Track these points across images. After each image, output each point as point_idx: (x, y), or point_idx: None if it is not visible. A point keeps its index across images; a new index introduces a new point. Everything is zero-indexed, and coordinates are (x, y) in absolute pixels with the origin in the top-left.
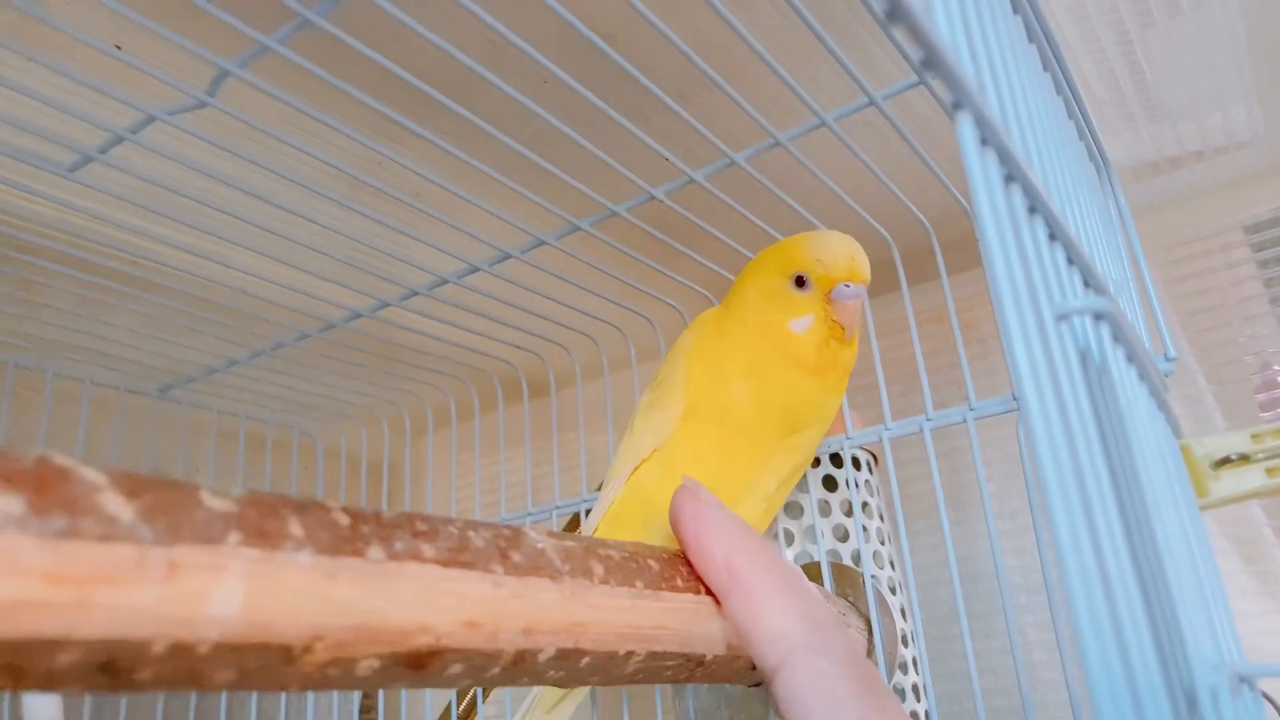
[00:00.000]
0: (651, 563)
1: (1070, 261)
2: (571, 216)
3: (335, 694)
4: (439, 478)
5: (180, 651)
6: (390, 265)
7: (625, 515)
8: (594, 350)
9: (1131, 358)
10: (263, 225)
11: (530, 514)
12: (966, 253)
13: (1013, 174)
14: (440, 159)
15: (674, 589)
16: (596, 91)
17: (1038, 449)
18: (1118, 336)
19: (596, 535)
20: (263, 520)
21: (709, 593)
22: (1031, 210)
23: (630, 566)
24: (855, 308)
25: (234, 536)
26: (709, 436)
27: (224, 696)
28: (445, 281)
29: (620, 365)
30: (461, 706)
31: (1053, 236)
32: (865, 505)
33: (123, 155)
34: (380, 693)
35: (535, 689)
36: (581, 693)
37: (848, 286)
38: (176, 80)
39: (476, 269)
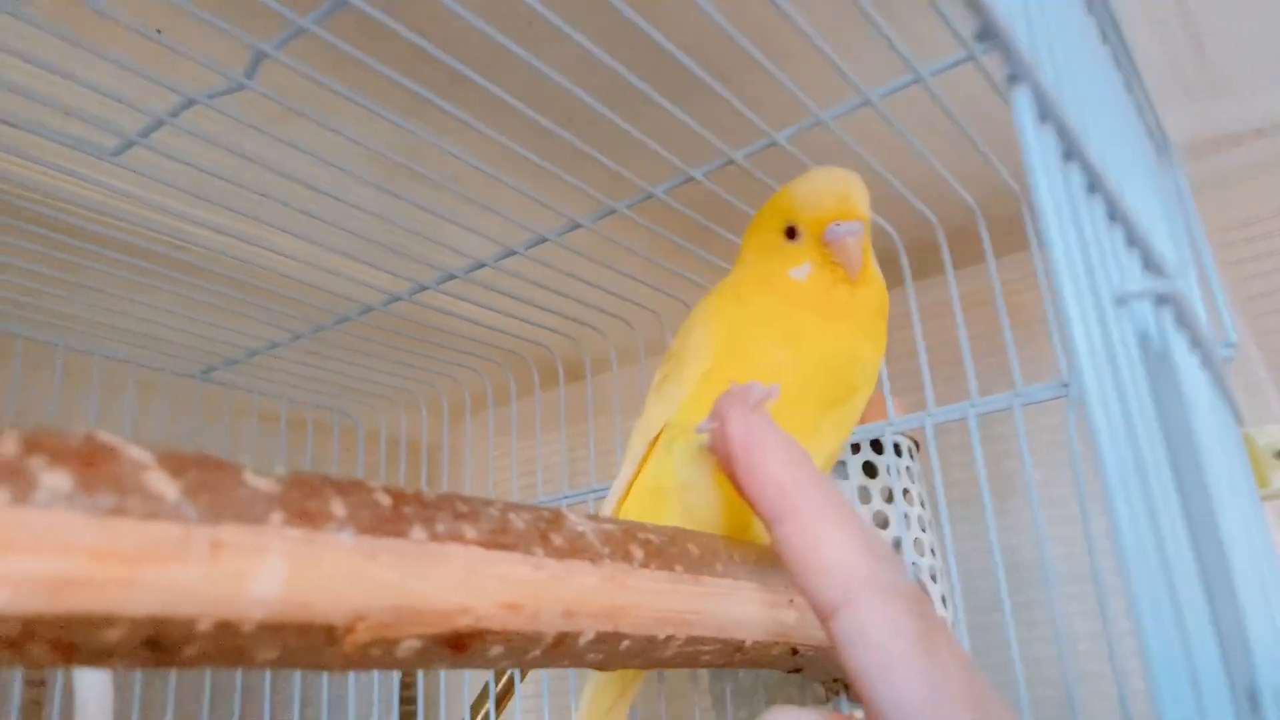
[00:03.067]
0: (691, 547)
1: (1130, 243)
2: (608, 199)
3: (376, 673)
4: (476, 460)
5: (225, 630)
6: (427, 248)
7: (641, 498)
8: (630, 335)
9: (1194, 344)
10: (301, 208)
11: (567, 496)
12: (1013, 235)
13: (1071, 151)
14: (476, 141)
15: (713, 574)
16: (634, 70)
17: (1097, 437)
18: (1180, 321)
19: (620, 511)
20: (305, 500)
21: (751, 579)
22: (1090, 189)
23: (670, 550)
24: (851, 245)
25: (277, 516)
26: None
27: (269, 675)
28: (481, 265)
29: (656, 350)
30: (499, 685)
31: (1112, 216)
32: (906, 492)
33: (164, 139)
34: (419, 672)
35: (586, 693)
36: (634, 693)
37: (839, 225)
38: (215, 63)
39: (513, 252)
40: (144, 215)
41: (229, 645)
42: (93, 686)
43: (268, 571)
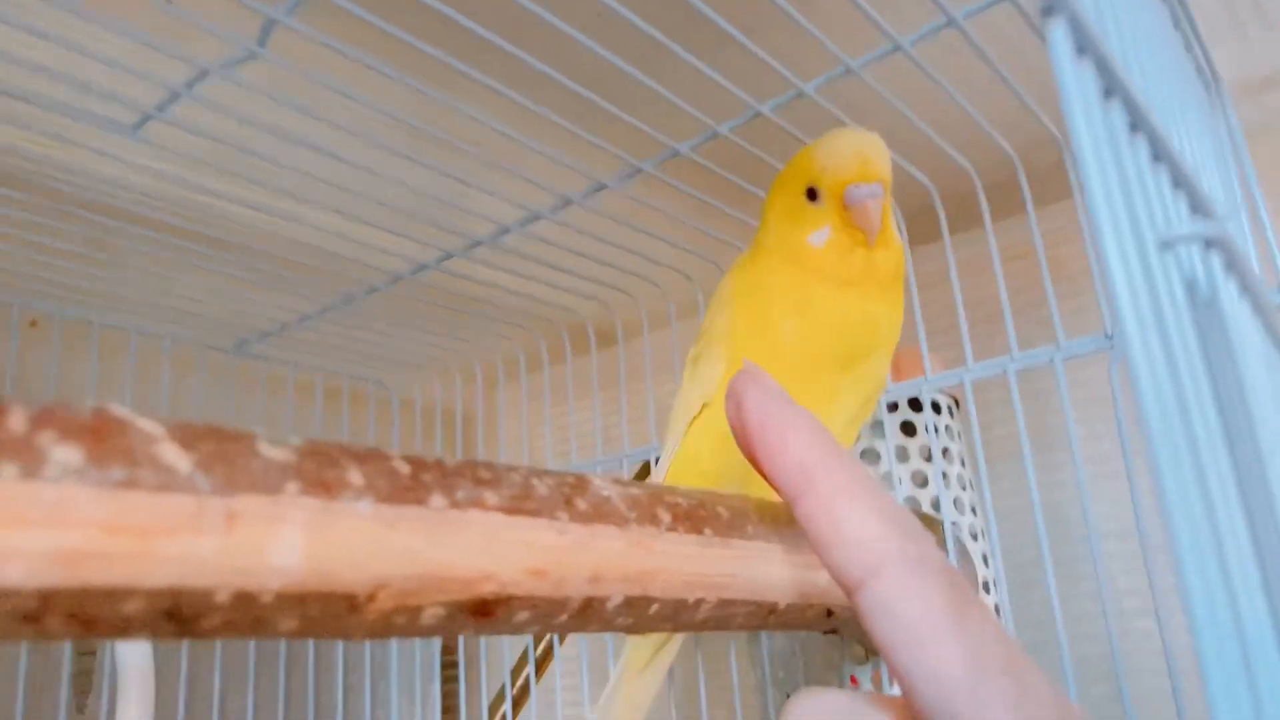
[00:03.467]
0: (721, 510)
1: (1175, 185)
2: (633, 158)
3: (417, 639)
4: (510, 428)
5: (244, 601)
6: (453, 215)
7: (683, 476)
8: (660, 298)
9: (1244, 290)
10: (323, 178)
11: (601, 462)
12: (1055, 185)
13: (1112, 87)
14: (496, 103)
15: (744, 536)
16: (654, 25)
17: (1140, 391)
18: (1230, 266)
19: None
20: (321, 470)
21: (783, 541)
22: (1133, 128)
23: (699, 514)
24: (871, 208)
25: (292, 486)
26: None
27: (312, 643)
28: (508, 230)
29: (688, 313)
30: (539, 650)
31: (1156, 157)
32: (945, 451)
33: (182, 113)
34: (460, 639)
35: (625, 651)
36: (671, 651)
37: (858, 187)
38: (226, 33)
39: (539, 216)
40: (171, 191)
41: (249, 615)
42: (132, 654)
43: (285, 541)
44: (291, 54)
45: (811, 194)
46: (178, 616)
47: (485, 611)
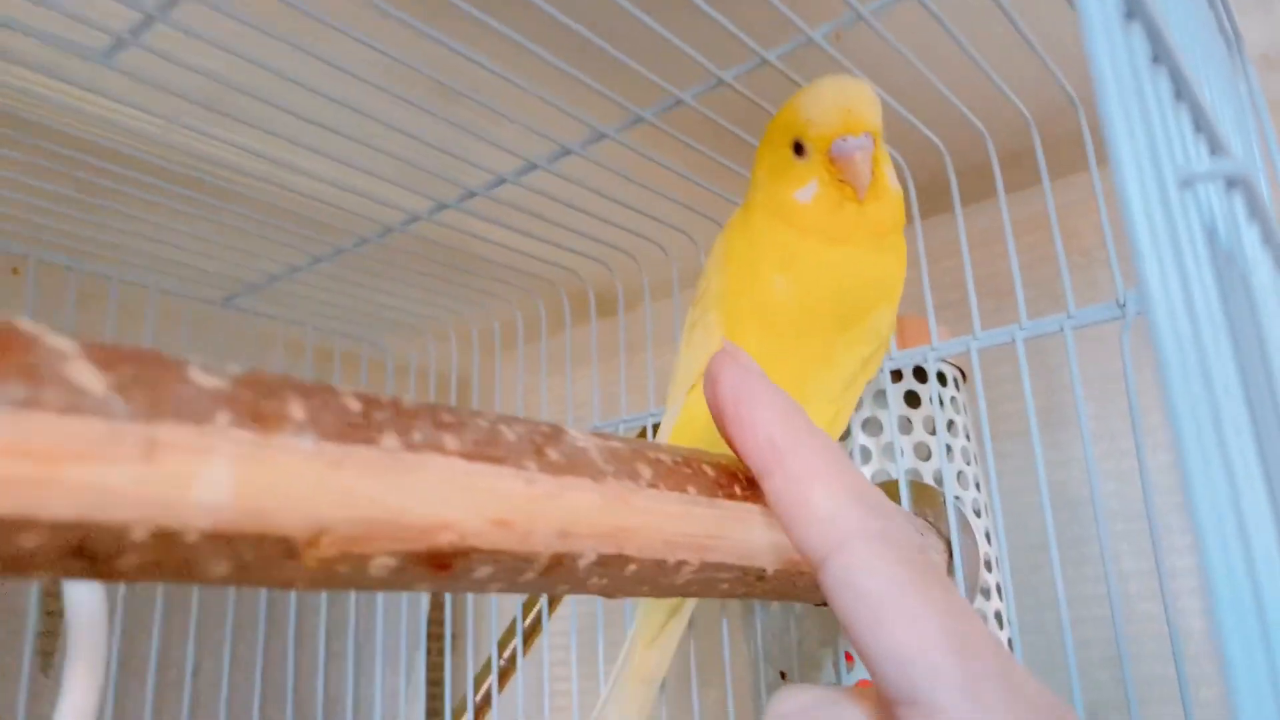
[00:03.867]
0: (707, 468)
1: (1197, 128)
2: (635, 106)
3: (404, 606)
4: (507, 395)
5: (165, 539)
6: (445, 163)
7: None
8: (664, 263)
9: (1266, 239)
10: (311, 119)
11: (596, 427)
12: (1069, 154)
13: (1133, 9)
14: (492, 44)
15: (732, 497)
16: None
17: (1160, 339)
18: (1253, 211)
19: None
20: (259, 401)
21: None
22: (1155, 59)
23: (683, 472)
24: (859, 161)
25: (224, 416)
26: (754, 344)
27: (292, 599)
28: (503, 181)
29: (690, 281)
30: (526, 622)
31: (1178, 94)
32: (950, 424)
33: (159, 40)
34: (448, 605)
35: (633, 623)
36: (682, 621)
37: (845, 140)
38: None
39: (535, 167)
40: (153, 129)
41: (173, 556)
42: (82, 599)
43: (213, 476)
44: None
45: (798, 148)
46: (88, 553)
47: (442, 564)
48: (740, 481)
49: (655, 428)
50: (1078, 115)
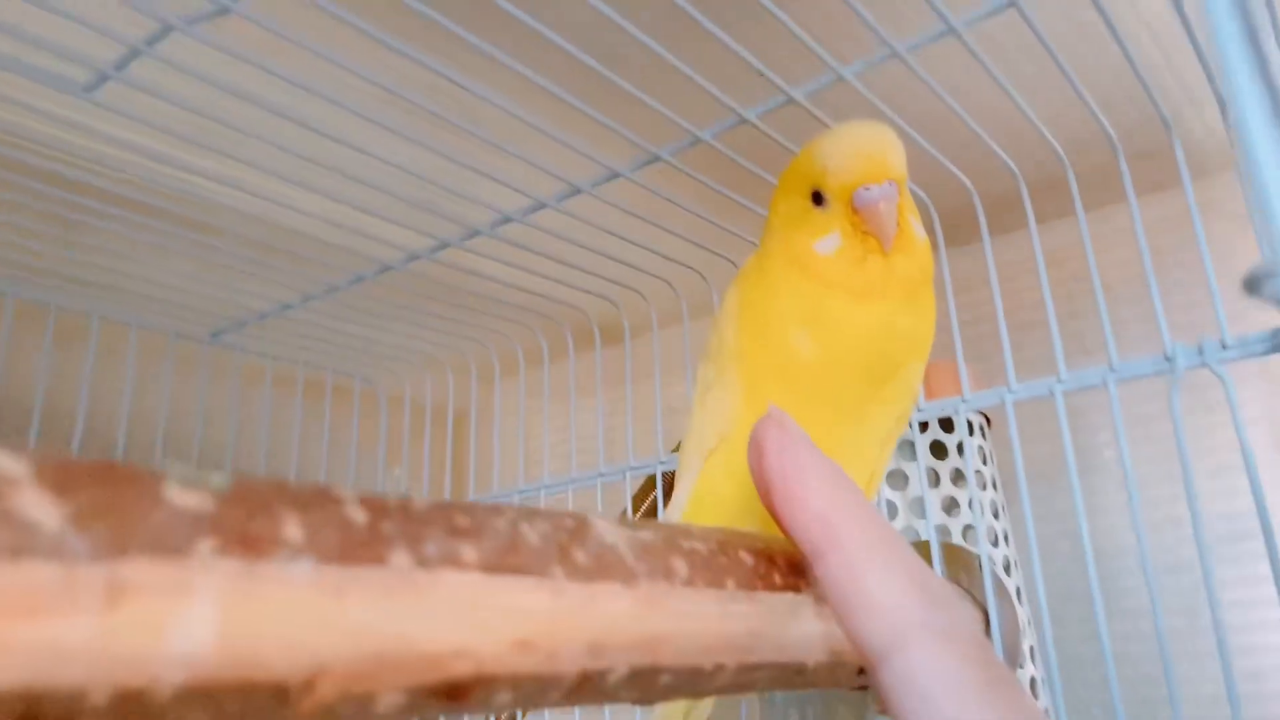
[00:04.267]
0: (745, 555)
1: None
2: (650, 144)
3: None
4: (507, 427)
5: (130, 701)
6: (449, 201)
7: (700, 519)
8: (672, 296)
9: None
10: (305, 155)
11: (602, 474)
12: (1100, 189)
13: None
14: (503, 79)
15: (771, 587)
16: None
17: None
18: None
19: None
20: (249, 520)
21: (812, 589)
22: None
23: (719, 562)
24: (884, 212)
25: (206, 544)
26: (780, 405)
27: None
28: (509, 220)
29: (700, 313)
30: None
31: None
32: (978, 474)
33: (144, 73)
34: None
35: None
36: (703, 710)
37: (868, 189)
38: None
39: (544, 205)
40: (138, 164)
41: (141, 718)
42: None
43: (190, 619)
44: (270, 11)
45: (817, 198)
46: None
47: (457, 695)
48: (780, 568)
49: (664, 476)
50: (1114, 151)
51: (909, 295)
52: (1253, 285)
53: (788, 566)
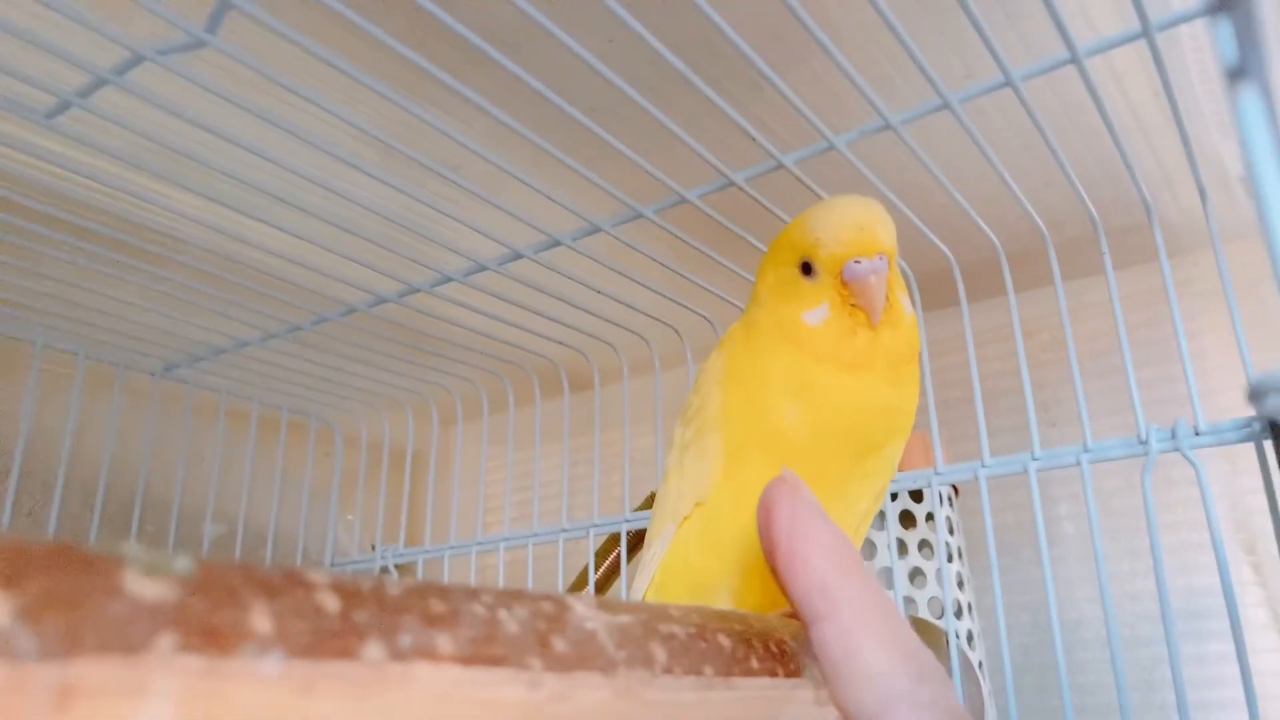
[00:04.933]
0: (723, 639)
1: None
2: (633, 201)
3: None
4: (467, 474)
5: None
6: (422, 246)
7: (670, 587)
8: (644, 348)
9: None
10: (277, 194)
11: (565, 530)
12: (1069, 263)
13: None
14: (485, 126)
15: (748, 672)
16: (676, 54)
17: None
18: None
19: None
20: (214, 611)
21: (789, 674)
22: None
23: (698, 647)
24: (873, 285)
25: (167, 639)
26: (761, 473)
27: None
28: (483, 268)
29: (671, 364)
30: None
31: None
32: (947, 545)
33: (110, 102)
34: None
35: None
36: None
37: (858, 263)
38: (171, 14)
39: (520, 256)
40: (96, 192)
41: None
42: None
43: None
44: (248, 45)
45: (806, 268)
46: None
47: None
48: (757, 652)
49: (630, 535)
50: (1093, 225)
51: (894, 369)
52: (1257, 396)
53: (765, 651)
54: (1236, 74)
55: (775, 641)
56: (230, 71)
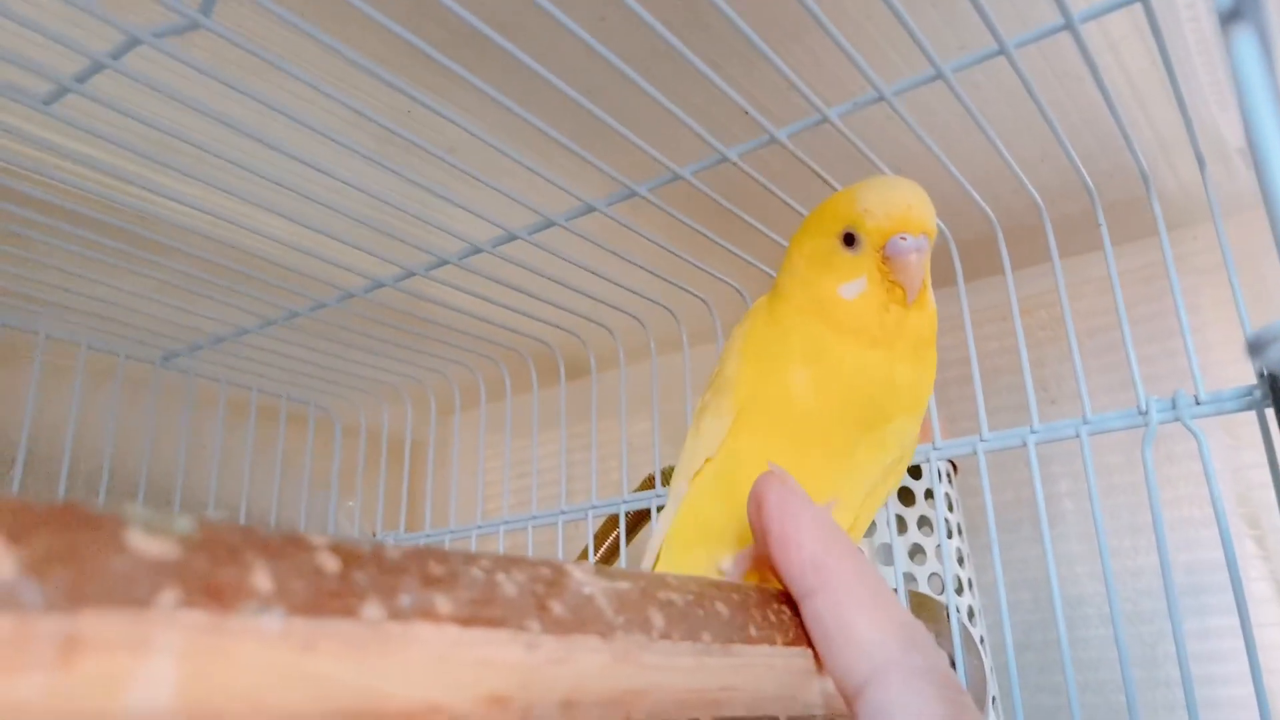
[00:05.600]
0: (721, 607)
1: None
2: (627, 179)
3: None
4: (465, 460)
5: None
6: (417, 229)
7: (683, 537)
8: (640, 332)
9: None
10: (273, 178)
11: (564, 513)
12: (1067, 239)
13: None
14: (479, 106)
15: (747, 639)
16: (670, 29)
17: None
18: None
19: (660, 558)
20: (215, 568)
21: (787, 643)
22: None
23: (696, 614)
24: (915, 263)
25: (169, 596)
26: (770, 440)
27: None
28: (479, 250)
29: (668, 348)
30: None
31: None
32: (946, 521)
33: (107, 87)
34: None
35: None
36: None
37: (904, 239)
38: None
39: (515, 237)
40: (93, 179)
41: None
42: None
43: (150, 677)
44: (242, 27)
45: (849, 239)
46: None
47: None
48: (755, 620)
49: (628, 515)
50: (1091, 200)
51: (915, 350)
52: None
53: (763, 619)
54: (1232, 16)
55: (774, 610)
56: (224, 56)
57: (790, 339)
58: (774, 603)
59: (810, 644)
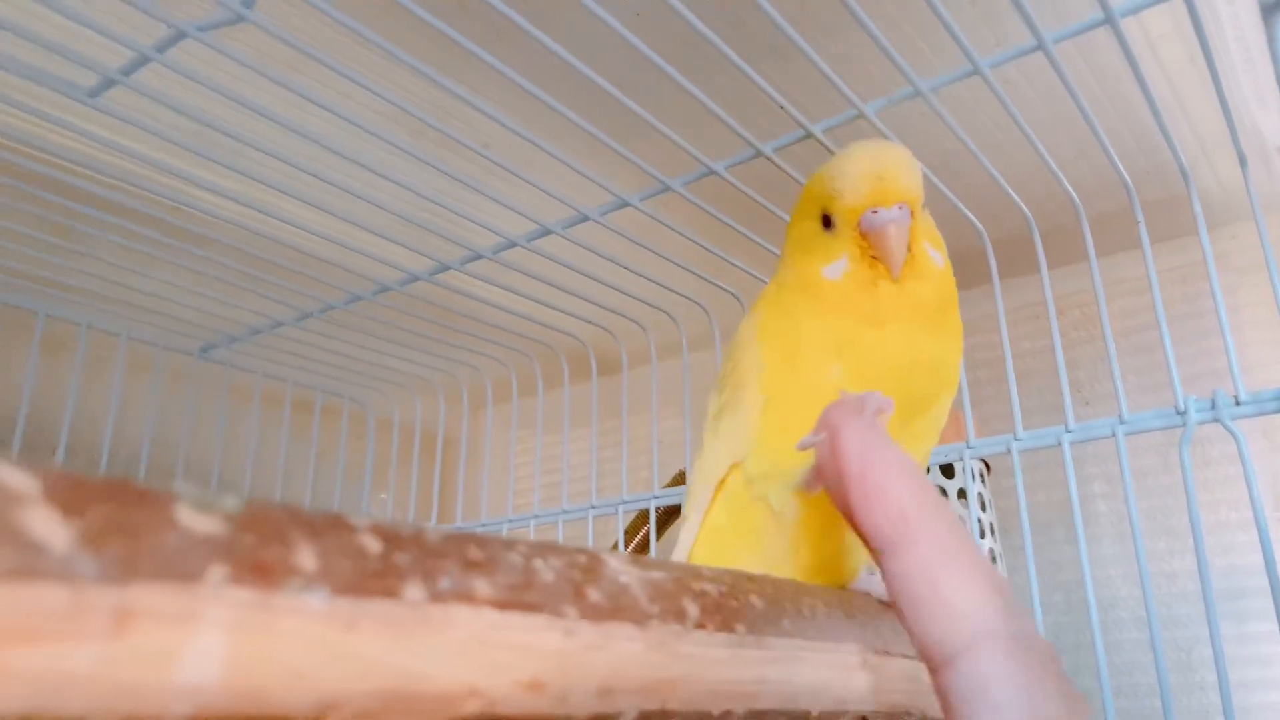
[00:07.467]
0: (755, 600)
1: None
2: (661, 174)
3: None
4: (497, 455)
5: None
6: (452, 223)
7: (711, 549)
8: (671, 328)
9: None
10: (311, 171)
11: (595, 507)
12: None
13: None
14: (516, 100)
15: (780, 633)
16: (708, 25)
17: None
18: None
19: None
20: (262, 547)
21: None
22: None
23: (730, 605)
24: (891, 235)
25: (218, 571)
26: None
27: None
28: (513, 244)
29: (699, 345)
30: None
31: None
32: (978, 522)
33: (151, 81)
34: None
35: None
36: None
37: (875, 213)
38: None
39: (549, 232)
40: (137, 172)
41: None
42: None
43: (199, 650)
44: (284, 21)
45: (826, 221)
46: None
47: None
48: (788, 614)
49: (659, 511)
50: (1129, 197)
51: (927, 320)
52: None
53: (795, 612)
54: (1274, 8)
55: (808, 607)
56: (266, 50)
57: (804, 328)
58: (809, 594)
59: (854, 626)
